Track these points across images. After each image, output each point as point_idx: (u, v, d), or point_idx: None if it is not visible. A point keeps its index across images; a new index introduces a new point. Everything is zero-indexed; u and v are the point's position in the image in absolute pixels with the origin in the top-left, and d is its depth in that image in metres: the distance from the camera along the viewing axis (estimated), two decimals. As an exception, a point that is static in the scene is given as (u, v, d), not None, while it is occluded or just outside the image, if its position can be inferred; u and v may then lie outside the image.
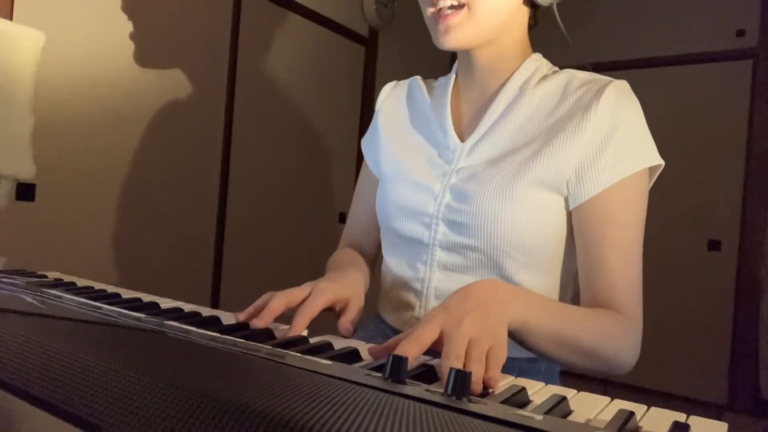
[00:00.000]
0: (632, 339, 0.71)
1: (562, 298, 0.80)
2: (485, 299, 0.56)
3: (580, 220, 0.74)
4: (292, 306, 0.66)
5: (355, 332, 0.73)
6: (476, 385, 0.48)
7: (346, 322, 0.69)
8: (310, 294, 0.67)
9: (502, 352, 0.53)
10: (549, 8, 0.81)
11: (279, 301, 0.65)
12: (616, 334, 0.69)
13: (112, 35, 1.72)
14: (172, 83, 1.92)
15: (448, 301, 0.56)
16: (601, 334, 0.67)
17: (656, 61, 3.07)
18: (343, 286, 0.71)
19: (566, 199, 0.75)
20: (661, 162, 0.74)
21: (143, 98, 1.83)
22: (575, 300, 0.83)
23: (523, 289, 0.64)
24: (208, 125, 2.09)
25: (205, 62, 2.05)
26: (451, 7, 0.73)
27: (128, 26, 1.76)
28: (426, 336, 0.52)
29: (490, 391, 0.49)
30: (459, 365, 0.49)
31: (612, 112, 0.72)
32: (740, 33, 2.86)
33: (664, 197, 2.97)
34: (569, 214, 0.75)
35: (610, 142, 0.72)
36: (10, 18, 1.46)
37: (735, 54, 2.87)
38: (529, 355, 0.74)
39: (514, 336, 0.60)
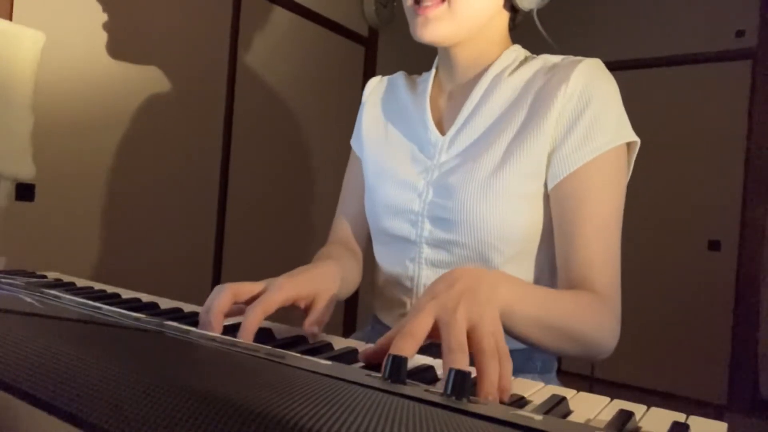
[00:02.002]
0: (609, 320, 0.69)
1: (551, 285, 0.79)
2: (472, 283, 0.53)
3: (556, 200, 0.73)
4: (240, 301, 0.60)
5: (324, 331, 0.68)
6: (493, 387, 0.44)
7: (309, 323, 0.62)
8: (264, 290, 0.61)
9: (503, 340, 0.50)
10: (530, 13, 0.81)
11: (223, 297, 0.58)
12: (596, 317, 0.67)
13: (112, 35, 1.72)
14: (172, 83, 1.92)
15: (434, 288, 0.53)
16: (583, 318, 0.65)
17: (656, 62, 3.07)
18: (305, 280, 0.64)
19: (545, 184, 0.74)
20: (637, 139, 0.73)
21: (143, 98, 1.83)
22: None
23: (504, 273, 0.60)
24: (208, 125, 2.09)
25: (205, 62, 2.05)
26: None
27: (128, 26, 1.76)
28: (419, 328, 0.49)
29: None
30: (465, 358, 0.46)
31: (582, 91, 0.72)
32: (740, 33, 2.86)
33: (664, 197, 2.98)
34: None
35: (581, 120, 0.71)
36: (10, 18, 1.46)
37: (734, 54, 2.87)
38: (521, 347, 0.73)
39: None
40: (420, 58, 1.36)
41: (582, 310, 0.66)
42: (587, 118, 0.71)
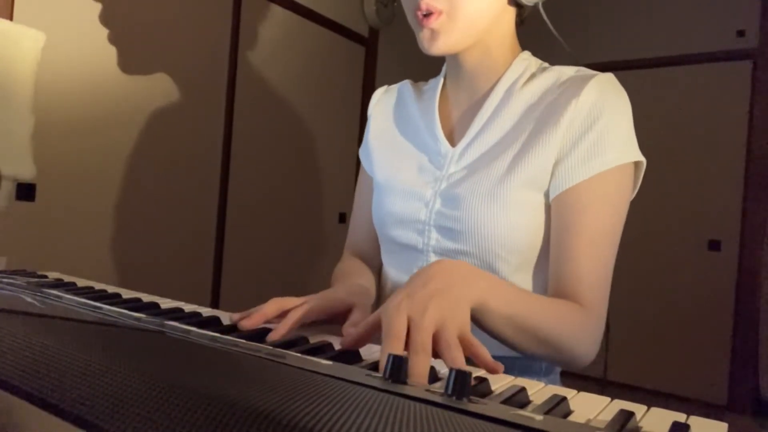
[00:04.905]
0: (590, 332, 0.69)
1: None
2: (448, 280, 0.55)
3: (556, 211, 0.73)
4: (286, 311, 0.65)
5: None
6: (457, 361, 0.48)
7: (350, 324, 0.67)
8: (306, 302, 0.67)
9: (469, 333, 0.53)
10: (536, 8, 0.80)
11: (272, 305, 0.64)
12: (574, 326, 0.67)
13: (112, 35, 1.72)
14: (172, 83, 1.92)
15: (411, 286, 0.55)
16: (558, 324, 0.66)
17: (656, 62, 3.07)
18: (343, 296, 0.70)
19: (547, 194, 0.74)
20: (642, 159, 0.73)
21: (143, 98, 1.83)
22: None
23: (482, 271, 0.62)
24: (209, 125, 2.09)
25: (206, 62, 2.05)
26: (429, 13, 0.73)
27: (128, 27, 1.76)
28: (401, 331, 0.51)
29: (493, 390, 0.49)
30: (427, 359, 0.48)
31: (593, 105, 0.71)
32: (740, 33, 2.86)
33: (665, 197, 2.98)
34: None
35: (588, 135, 0.71)
36: (11, 18, 1.47)
37: (735, 54, 2.87)
38: None
39: (473, 317, 0.59)
40: (421, 59, 1.36)
41: (559, 316, 0.66)
42: (595, 133, 0.71)
